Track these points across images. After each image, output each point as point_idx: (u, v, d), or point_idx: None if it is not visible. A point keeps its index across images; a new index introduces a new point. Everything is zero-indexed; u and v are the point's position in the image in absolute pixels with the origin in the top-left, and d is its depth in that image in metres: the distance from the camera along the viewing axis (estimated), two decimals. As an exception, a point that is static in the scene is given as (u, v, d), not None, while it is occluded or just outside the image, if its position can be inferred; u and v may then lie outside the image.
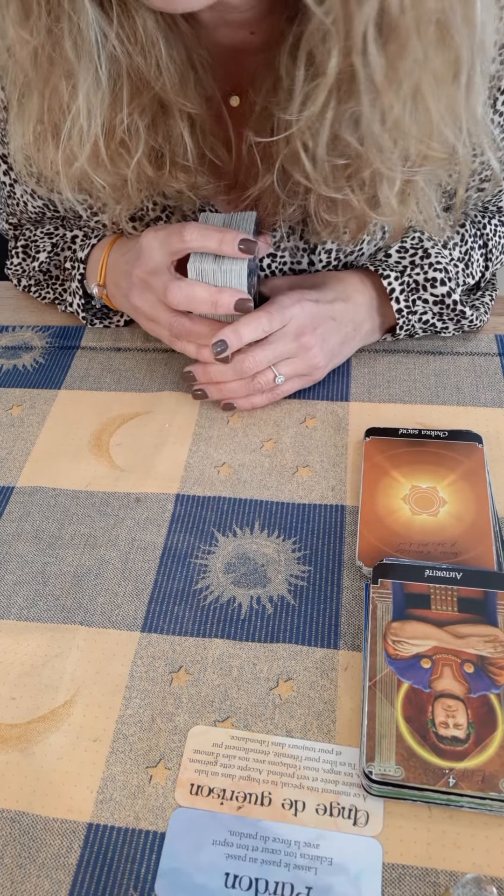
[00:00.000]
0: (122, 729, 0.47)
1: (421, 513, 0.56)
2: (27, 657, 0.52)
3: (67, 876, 0.42)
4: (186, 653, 0.51)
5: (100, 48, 0.48)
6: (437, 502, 0.57)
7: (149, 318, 0.65)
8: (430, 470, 0.59)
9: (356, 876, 0.41)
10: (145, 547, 0.57)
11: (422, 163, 0.51)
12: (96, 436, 0.66)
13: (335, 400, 0.67)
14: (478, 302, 0.71)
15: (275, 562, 0.56)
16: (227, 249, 0.58)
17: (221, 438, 0.65)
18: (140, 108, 0.53)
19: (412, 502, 0.57)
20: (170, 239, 0.59)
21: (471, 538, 0.54)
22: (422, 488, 0.58)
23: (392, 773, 0.42)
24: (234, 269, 0.58)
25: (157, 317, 0.63)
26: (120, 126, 0.53)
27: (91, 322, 0.76)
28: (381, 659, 0.47)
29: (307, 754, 0.46)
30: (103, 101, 0.51)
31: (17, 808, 0.45)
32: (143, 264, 0.62)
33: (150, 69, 0.51)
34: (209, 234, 0.58)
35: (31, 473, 0.64)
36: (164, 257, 0.60)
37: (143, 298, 0.64)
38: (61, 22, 0.47)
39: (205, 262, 0.59)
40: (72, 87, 0.50)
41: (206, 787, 0.45)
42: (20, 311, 0.81)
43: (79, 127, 0.51)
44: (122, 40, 0.49)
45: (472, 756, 0.43)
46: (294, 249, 0.67)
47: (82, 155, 0.53)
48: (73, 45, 0.47)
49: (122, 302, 0.70)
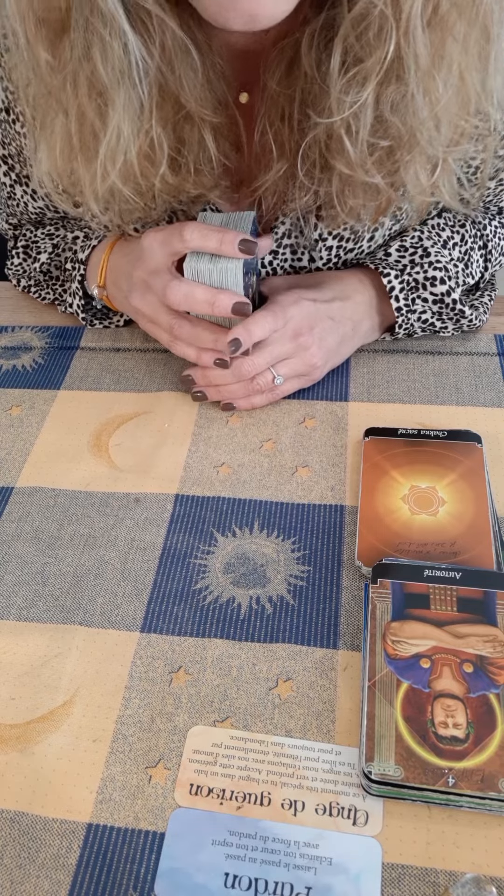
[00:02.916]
0: (121, 729, 0.48)
1: (420, 513, 0.56)
2: (26, 657, 0.52)
3: (67, 876, 0.42)
4: (186, 653, 0.51)
5: (133, 68, 0.48)
6: (436, 502, 0.57)
7: (149, 320, 0.65)
8: (430, 470, 0.59)
9: (356, 876, 0.41)
10: (145, 547, 0.57)
11: (458, 140, 0.52)
12: (96, 436, 0.66)
13: (334, 400, 0.67)
14: (477, 302, 0.71)
15: (274, 562, 0.56)
16: (226, 249, 0.58)
17: (221, 438, 0.65)
18: (163, 120, 0.53)
19: (411, 502, 0.57)
20: (170, 239, 0.59)
21: (470, 538, 0.54)
22: (421, 488, 0.58)
23: (391, 773, 0.42)
24: (230, 269, 0.58)
25: (157, 318, 0.63)
26: (146, 138, 0.53)
27: (91, 322, 0.76)
28: (381, 659, 0.47)
29: (307, 754, 0.46)
30: (136, 119, 0.51)
31: (17, 809, 0.45)
32: (144, 265, 0.62)
33: (176, 82, 0.51)
34: (209, 235, 0.58)
35: (30, 474, 0.64)
36: (165, 258, 0.60)
37: (143, 300, 0.64)
38: (94, 46, 0.46)
39: (201, 262, 0.59)
40: (103, 105, 0.50)
41: (205, 787, 0.45)
42: (20, 312, 0.81)
43: (112, 145, 0.51)
44: (152, 56, 0.49)
45: (471, 756, 0.43)
46: (295, 246, 0.67)
47: (114, 171, 0.53)
48: (107, 66, 0.47)
49: (123, 303, 0.70)
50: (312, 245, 0.66)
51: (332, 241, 0.67)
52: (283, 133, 0.56)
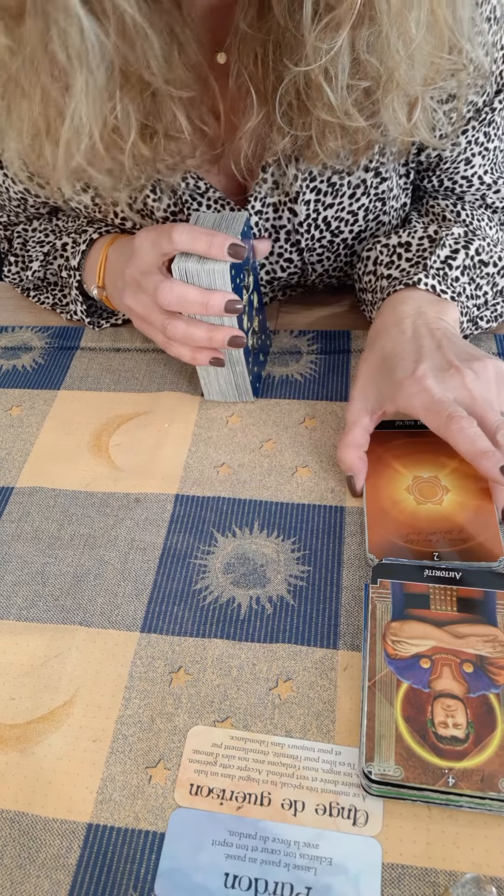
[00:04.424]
0: (121, 729, 0.48)
1: (426, 502, 0.57)
2: (27, 657, 0.52)
3: (67, 876, 0.42)
4: (186, 653, 0.51)
5: (91, 49, 0.48)
6: (440, 491, 0.57)
7: (142, 319, 0.65)
8: (431, 459, 0.59)
9: (356, 876, 0.41)
10: (145, 547, 0.57)
11: (434, 77, 0.53)
12: (96, 436, 0.66)
13: (335, 400, 0.67)
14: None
15: (274, 562, 0.56)
16: (215, 253, 0.57)
17: (221, 439, 0.65)
18: (130, 94, 0.53)
19: (416, 492, 0.57)
20: (160, 240, 0.59)
21: (477, 524, 0.55)
22: (424, 478, 0.58)
23: (391, 773, 0.42)
24: (218, 270, 0.58)
25: (150, 318, 0.63)
26: (112, 114, 0.53)
27: (98, 325, 0.76)
28: (381, 659, 0.47)
29: (306, 754, 0.46)
30: (97, 98, 0.51)
31: (17, 809, 0.45)
32: (135, 265, 0.62)
33: (139, 61, 0.50)
34: (198, 237, 0.57)
35: (30, 474, 0.64)
36: (156, 258, 0.60)
37: (136, 299, 0.63)
38: (50, 31, 0.46)
39: (189, 262, 0.58)
40: (63, 87, 0.50)
41: (205, 787, 0.45)
42: (20, 312, 0.81)
43: (75, 125, 0.51)
44: (109, 35, 0.48)
45: (471, 756, 0.43)
46: (277, 204, 0.67)
47: (78, 153, 0.53)
48: (65, 50, 0.47)
49: (119, 302, 0.70)
50: (293, 197, 0.65)
51: (309, 195, 0.65)
52: (257, 77, 0.56)
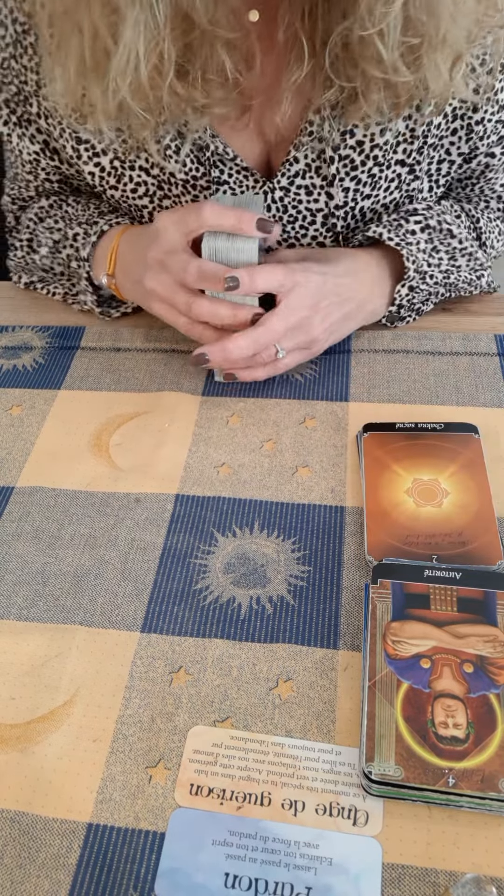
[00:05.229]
0: (121, 729, 0.48)
1: (425, 505, 0.57)
2: (27, 657, 0.52)
3: (67, 876, 0.42)
4: (186, 653, 0.51)
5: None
6: (440, 494, 0.57)
7: (163, 301, 0.65)
8: (430, 462, 0.59)
9: (356, 876, 0.41)
10: (145, 547, 0.57)
11: (477, 35, 0.55)
12: (96, 436, 0.66)
13: (335, 400, 0.67)
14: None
15: (274, 562, 0.56)
16: (245, 228, 0.59)
17: (221, 439, 0.65)
18: (175, 33, 0.54)
19: (416, 495, 0.57)
20: (186, 219, 0.60)
21: (477, 527, 0.55)
22: (424, 480, 0.58)
23: (391, 773, 0.42)
24: (247, 248, 0.60)
25: (173, 298, 0.63)
26: (156, 52, 0.54)
27: (108, 314, 0.76)
28: (381, 659, 0.47)
29: (307, 754, 0.46)
30: (148, 36, 0.52)
31: (17, 809, 0.45)
32: (159, 245, 0.62)
33: (188, 1, 0.52)
34: (225, 213, 0.59)
35: (30, 473, 0.64)
36: (181, 237, 0.61)
37: (158, 280, 0.64)
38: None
39: (218, 241, 0.60)
40: (114, 24, 0.52)
41: (205, 787, 0.45)
42: (20, 312, 0.81)
43: (124, 62, 0.53)
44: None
45: (471, 756, 0.43)
46: (311, 187, 0.67)
47: (124, 87, 0.55)
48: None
49: (132, 290, 0.70)
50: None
51: (349, 183, 0.67)
52: (305, 29, 0.56)
